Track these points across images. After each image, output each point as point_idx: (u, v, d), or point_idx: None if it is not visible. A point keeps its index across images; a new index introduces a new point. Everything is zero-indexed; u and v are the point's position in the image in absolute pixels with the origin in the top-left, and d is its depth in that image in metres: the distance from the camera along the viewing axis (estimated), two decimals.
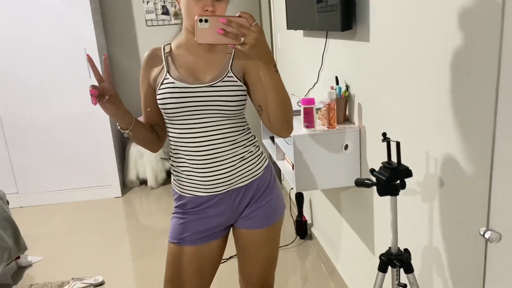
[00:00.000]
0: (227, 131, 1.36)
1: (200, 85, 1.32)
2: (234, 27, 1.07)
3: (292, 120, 1.34)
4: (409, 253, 1.17)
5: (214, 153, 1.35)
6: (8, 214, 2.85)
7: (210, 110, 1.32)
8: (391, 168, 1.09)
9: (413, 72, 1.47)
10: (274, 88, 1.23)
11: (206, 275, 1.50)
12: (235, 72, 1.34)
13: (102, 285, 2.71)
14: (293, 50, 3.10)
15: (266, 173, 1.47)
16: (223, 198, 1.41)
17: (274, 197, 1.48)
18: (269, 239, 1.49)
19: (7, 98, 3.87)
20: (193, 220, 1.43)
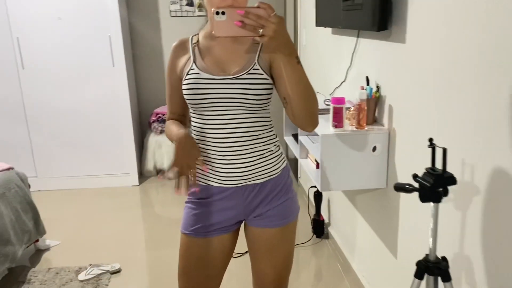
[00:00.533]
0: (249, 125, 1.34)
1: (225, 76, 1.30)
2: (252, 19, 1.04)
3: (317, 114, 1.29)
4: (447, 261, 1.15)
5: (234, 146, 1.33)
6: (30, 198, 2.88)
7: (233, 103, 1.30)
8: (436, 175, 1.07)
9: (452, 77, 1.44)
10: (297, 80, 1.19)
11: (217, 267, 1.49)
12: (262, 64, 1.32)
13: (119, 272, 2.73)
14: (320, 48, 3.07)
15: (283, 174, 1.44)
16: (235, 192, 1.39)
17: (290, 198, 1.45)
18: (284, 239, 1.46)
19: (30, 82, 3.91)
20: (204, 212, 1.42)
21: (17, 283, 2.62)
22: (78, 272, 2.70)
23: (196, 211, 1.43)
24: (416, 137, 1.71)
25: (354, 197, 2.50)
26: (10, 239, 2.55)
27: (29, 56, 3.85)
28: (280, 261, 1.47)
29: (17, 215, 2.70)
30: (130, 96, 4.08)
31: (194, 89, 1.31)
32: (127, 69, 4.02)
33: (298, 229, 3.23)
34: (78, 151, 4.10)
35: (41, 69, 3.89)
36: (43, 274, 2.70)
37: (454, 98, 1.44)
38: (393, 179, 1.96)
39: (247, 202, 1.41)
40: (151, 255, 2.94)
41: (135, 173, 4.18)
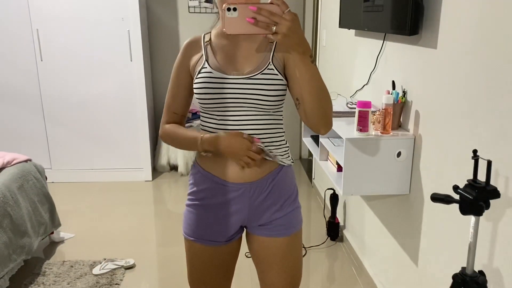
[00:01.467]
0: (262, 127, 1.30)
1: (238, 76, 1.26)
2: (265, 15, 1.00)
3: (330, 116, 1.23)
4: (484, 275, 1.13)
5: None
6: (46, 190, 2.89)
7: (246, 103, 1.26)
8: (479, 188, 1.04)
9: (484, 84, 1.41)
10: (310, 80, 1.14)
11: (228, 271, 1.47)
12: (276, 64, 1.27)
13: (133, 268, 2.73)
14: (341, 49, 3.04)
15: (290, 179, 1.40)
16: (243, 193, 1.34)
17: (298, 207, 1.42)
18: (293, 248, 1.41)
19: (48, 74, 3.92)
20: (209, 217, 1.37)
21: (32, 275, 2.63)
22: (93, 266, 2.71)
23: (200, 216, 1.38)
24: (443, 144, 1.68)
25: (372, 201, 2.47)
26: (27, 230, 2.56)
27: (48, 49, 3.86)
28: (291, 270, 1.43)
29: (34, 207, 2.71)
30: (147, 91, 4.08)
31: (207, 88, 1.26)
32: (145, 64, 4.01)
33: (312, 231, 3.21)
34: (93, 144, 4.11)
35: (59, 61, 3.90)
36: (58, 267, 2.71)
37: (485, 106, 1.41)
38: (416, 186, 1.93)
39: (255, 206, 1.35)
40: (165, 252, 2.94)
41: (149, 168, 4.19)
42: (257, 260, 1.45)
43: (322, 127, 1.24)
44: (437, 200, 1.10)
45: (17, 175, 2.62)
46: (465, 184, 1.08)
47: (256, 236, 1.40)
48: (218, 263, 1.42)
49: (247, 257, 2.81)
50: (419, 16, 1.81)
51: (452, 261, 1.65)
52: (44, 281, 2.56)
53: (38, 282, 2.55)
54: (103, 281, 2.56)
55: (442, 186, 1.72)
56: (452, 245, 1.64)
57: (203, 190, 1.37)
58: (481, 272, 1.14)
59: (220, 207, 1.36)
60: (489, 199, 1.05)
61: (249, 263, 2.75)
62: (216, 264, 1.42)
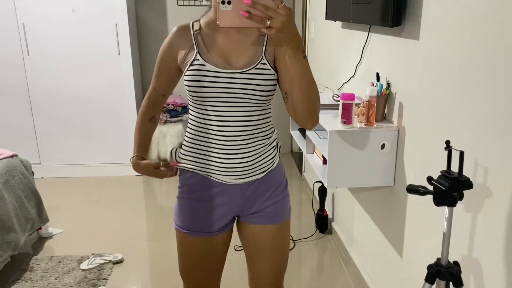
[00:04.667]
0: (252, 120, 1.30)
1: (232, 70, 1.25)
2: (259, 9, 1.00)
3: (318, 111, 1.24)
4: (459, 266, 1.13)
5: (235, 141, 1.30)
6: (33, 185, 2.87)
7: (238, 98, 1.26)
8: (452, 178, 1.04)
9: (466, 76, 1.41)
10: (301, 75, 1.14)
11: (219, 262, 1.48)
12: (268, 58, 1.27)
13: (121, 262, 2.73)
14: (329, 41, 3.03)
15: (279, 169, 1.42)
16: (233, 186, 1.35)
17: (287, 195, 1.44)
18: (282, 235, 1.44)
19: (35, 68, 3.88)
20: (201, 208, 1.38)
21: (19, 271, 2.61)
22: (81, 261, 2.70)
23: (192, 208, 1.39)
24: (426, 136, 1.68)
25: (359, 194, 2.48)
26: (13, 226, 2.55)
27: (34, 43, 3.81)
28: (278, 258, 1.46)
29: (21, 203, 2.70)
30: (135, 85, 4.05)
31: (199, 81, 1.25)
32: (133, 57, 3.98)
33: (302, 223, 3.22)
34: (81, 139, 4.09)
35: (46, 55, 3.86)
36: (46, 262, 2.70)
37: (468, 97, 1.41)
38: (401, 178, 1.94)
39: (245, 197, 1.37)
40: (153, 246, 2.94)
41: None
42: (246, 247, 1.48)
43: (309, 123, 1.25)
44: (412, 191, 1.10)
45: (2, 170, 2.60)
46: (438, 175, 1.08)
47: (247, 224, 1.43)
48: (210, 254, 1.43)
49: (236, 250, 2.81)
50: (402, 7, 1.80)
51: (434, 252, 1.66)
52: (31, 277, 2.55)
53: (25, 278, 2.54)
54: (91, 276, 2.55)
55: (425, 177, 1.72)
56: (434, 237, 1.65)
57: (194, 184, 1.38)
58: (455, 262, 1.14)
59: (211, 198, 1.37)
60: (462, 190, 1.05)
61: (238, 255, 2.75)
62: (208, 255, 1.43)
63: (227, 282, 2.47)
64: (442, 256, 1.12)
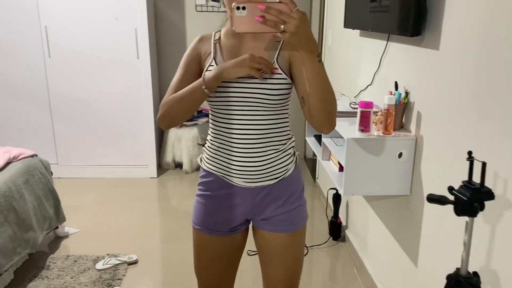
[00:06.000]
0: (266, 126, 1.31)
1: (243, 76, 1.27)
2: (273, 14, 1.01)
3: (335, 116, 1.25)
4: (478, 276, 1.13)
5: (249, 145, 1.31)
6: (51, 185, 2.92)
7: (250, 102, 1.28)
8: (473, 189, 1.05)
9: (487, 87, 1.41)
10: (316, 79, 1.15)
11: (233, 262, 1.50)
12: (281, 63, 1.28)
13: (136, 263, 2.76)
14: (346, 49, 3.04)
15: (295, 176, 1.41)
16: (246, 189, 1.37)
17: (302, 205, 1.44)
18: (295, 244, 1.43)
19: (56, 71, 3.96)
20: (214, 207, 1.41)
21: (36, 268, 2.66)
22: (96, 261, 2.74)
23: (208, 205, 1.42)
24: (445, 146, 1.68)
25: (374, 202, 2.47)
26: (32, 225, 2.60)
27: (55, 45, 3.90)
28: (291, 266, 1.45)
29: (39, 202, 2.75)
30: (153, 89, 4.10)
31: None
32: (151, 62, 4.04)
33: (315, 230, 3.22)
34: (99, 140, 4.15)
35: (67, 58, 3.93)
36: (62, 261, 2.74)
37: (488, 108, 1.41)
38: (418, 187, 1.93)
39: (256, 202, 1.38)
40: (168, 248, 2.97)
41: (154, 165, 4.22)
42: (260, 252, 1.49)
43: (325, 127, 1.26)
44: (433, 201, 1.10)
45: (23, 169, 2.66)
46: (460, 185, 1.09)
47: (260, 230, 1.44)
48: (223, 254, 1.45)
49: (249, 255, 2.82)
50: (422, 17, 1.81)
51: (450, 262, 1.65)
52: (48, 275, 2.59)
53: (42, 276, 2.58)
54: (106, 276, 2.58)
55: (443, 187, 1.72)
56: (451, 246, 1.64)
57: (209, 182, 1.41)
58: (475, 273, 1.14)
59: (225, 198, 1.40)
60: (483, 201, 1.05)
61: (251, 260, 2.76)
62: (220, 254, 1.45)
63: (240, 287, 2.48)
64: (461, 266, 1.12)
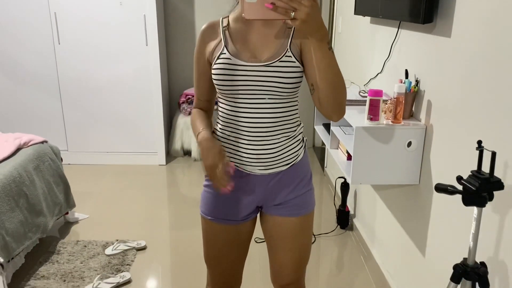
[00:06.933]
0: (278, 113, 1.31)
1: (256, 63, 1.26)
2: (284, 1, 1.00)
3: (344, 103, 1.24)
4: (486, 267, 1.12)
5: (261, 133, 1.31)
6: (61, 171, 2.95)
7: (263, 90, 1.28)
8: (482, 179, 1.03)
9: (498, 75, 1.38)
10: (326, 66, 1.14)
11: (243, 251, 1.51)
12: (294, 50, 1.27)
13: (144, 249, 2.79)
14: (356, 37, 3.00)
15: (304, 162, 1.43)
16: (258, 177, 1.38)
17: (311, 189, 1.45)
18: (304, 228, 1.45)
19: (66, 57, 3.97)
20: (226, 197, 1.41)
21: (47, 253, 2.70)
22: (105, 247, 2.77)
23: (217, 196, 1.42)
24: (455, 135, 1.66)
25: (382, 191, 2.46)
26: (42, 210, 2.63)
27: (65, 32, 3.90)
28: (300, 250, 1.47)
29: (50, 188, 2.78)
30: (162, 76, 4.10)
31: (224, 74, 1.28)
32: (160, 48, 4.03)
33: (323, 219, 3.22)
34: (108, 127, 4.17)
35: (76, 45, 3.94)
36: (72, 246, 2.78)
37: (500, 97, 1.38)
38: (426, 176, 1.92)
39: (269, 188, 1.39)
40: (176, 234, 2.99)
41: (163, 152, 4.24)
42: (269, 238, 1.49)
43: (335, 114, 1.26)
44: (441, 190, 1.09)
45: (33, 156, 2.68)
46: (468, 175, 1.07)
47: (271, 215, 1.44)
48: (234, 242, 1.46)
49: (257, 243, 2.84)
50: (434, 4, 1.77)
51: (458, 252, 1.64)
52: (58, 259, 2.63)
53: (52, 260, 2.62)
54: (115, 261, 2.62)
55: (452, 177, 1.70)
56: (459, 237, 1.63)
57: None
58: (482, 263, 1.13)
59: (236, 187, 1.39)
60: (492, 191, 1.04)
61: (259, 248, 2.78)
62: (231, 243, 1.46)
63: (246, 274, 2.49)
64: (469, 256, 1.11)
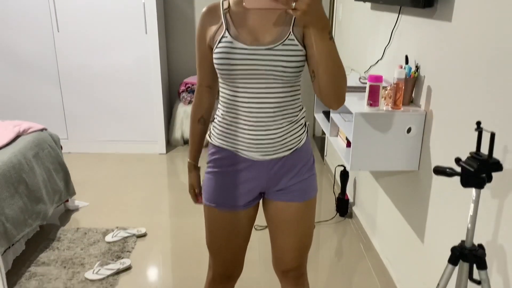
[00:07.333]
0: (280, 98, 1.30)
1: (259, 47, 1.25)
2: None
3: (344, 92, 1.25)
4: (483, 249, 1.12)
5: (263, 118, 1.30)
6: (61, 158, 2.95)
7: (266, 74, 1.26)
8: (481, 160, 1.03)
9: (499, 59, 1.37)
10: (327, 56, 1.14)
11: (245, 238, 1.51)
12: (297, 34, 1.26)
13: (144, 236, 2.80)
14: (357, 23, 2.98)
15: (306, 147, 1.42)
16: (261, 163, 1.37)
17: (314, 174, 1.45)
18: (306, 213, 1.45)
19: (65, 45, 3.95)
20: (227, 183, 1.40)
21: (47, 240, 2.71)
22: (105, 234, 2.78)
23: (220, 182, 1.42)
24: (455, 121, 1.65)
25: (381, 178, 2.46)
26: (42, 197, 2.64)
27: (64, 20, 3.88)
28: (302, 236, 1.47)
29: (49, 175, 2.78)
30: (161, 64, 4.08)
31: (226, 58, 1.26)
32: (159, 37, 4.01)
33: (322, 207, 3.23)
34: (108, 116, 4.16)
35: (75, 32, 3.92)
36: (72, 233, 2.79)
37: (501, 82, 1.37)
38: (426, 162, 1.92)
39: (271, 174, 1.38)
40: (176, 222, 3.00)
41: (163, 141, 4.23)
42: (271, 224, 1.49)
43: (334, 103, 1.26)
44: (439, 172, 1.09)
45: (32, 143, 2.68)
46: (467, 157, 1.07)
47: (273, 201, 1.44)
48: (236, 228, 1.46)
49: (256, 230, 2.84)
50: None
51: (457, 238, 1.65)
52: (58, 246, 2.64)
53: (53, 247, 2.63)
54: (115, 248, 2.63)
55: (451, 163, 1.70)
56: (458, 223, 1.63)
57: (221, 159, 1.40)
58: (480, 245, 1.13)
59: (238, 174, 1.39)
60: (491, 172, 1.03)
61: (259, 235, 2.79)
62: (234, 229, 1.46)
63: (246, 261, 2.50)
64: (467, 238, 1.11)
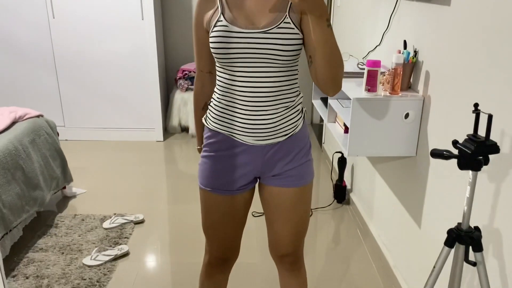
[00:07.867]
0: (277, 82, 1.29)
1: (254, 30, 1.24)
2: None
3: (340, 79, 1.24)
4: (479, 231, 1.12)
5: (259, 102, 1.29)
6: (58, 145, 2.94)
7: (261, 58, 1.25)
8: (478, 142, 1.02)
9: (498, 43, 1.36)
10: (324, 43, 1.14)
11: (241, 221, 1.51)
12: (293, 17, 1.24)
13: (142, 223, 2.80)
14: (355, 9, 2.96)
15: (303, 133, 1.41)
16: (256, 147, 1.36)
17: (310, 160, 1.44)
18: (302, 199, 1.44)
19: (61, 32, 3.92)
20: (223, 167, 1.40)
21: (45, 226, 2.72)
22: (103, 220, 2.78)
23: (215, 166, 1.41)
24: (453, 107, 1.65)
25: (379, 164, 2.46)
26: (39, 184, 2.63)
27: (59, 6, 3.83)
28: (298, 221, 1.47)
29: (46, 161, 2.77)
30: (158, 51, 4.05)
31: (222, 42, 1.25)
32: (156, 23, 3.97)
33: (320, 194, 3.23)
34: (105, 103, 4.14)
35: (71, 19, 3.88)
36: (69, 220, 2.79)
37: (499, 66, 1.36)
38: (423, 148, 1.91)
39: (266, 158, 1.38)
40: (174, 209, 3.00)
41: (160, 128, 4.22)
42: (267, 209, 1.49)
43: (331, 90, 1.25)
44: (437, 155, 1.08)
45: (29, 129, 2.67)
46: (464, 139, 1.06)
47: (268, 186, 1.44)
48: (231, 212, 1.46)
49: (254, 216, 2.85)
50: None
51: (454, 223, 1.65)
52: (56, 233, 2.65)
53: (50, 233, 2.64)
54: (113, 235, 2.63)
55: (449, 148, 1.69)
56: (455, 208, 1.64)
57: (217, 142, 1.39)
58: (476, 227, 1.13)
59: (233, 158, 1.38)
60: (488, 154, 1.03)
61: (256, 221, 2.79)
62: (229, 213, 1.46)
63: (244, 247, 2.51)
64: (463, 221, 1.11)
